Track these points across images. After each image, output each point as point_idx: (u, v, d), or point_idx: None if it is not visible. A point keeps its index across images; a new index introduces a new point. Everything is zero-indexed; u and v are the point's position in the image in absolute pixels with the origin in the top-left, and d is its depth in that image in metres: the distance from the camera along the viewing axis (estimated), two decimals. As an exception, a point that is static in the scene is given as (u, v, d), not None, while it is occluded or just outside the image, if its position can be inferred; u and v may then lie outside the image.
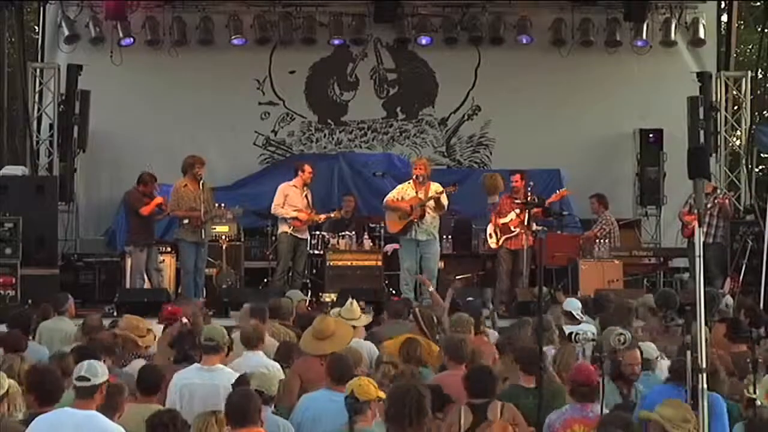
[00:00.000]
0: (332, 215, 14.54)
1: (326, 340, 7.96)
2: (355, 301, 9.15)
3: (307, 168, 14.32)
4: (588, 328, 9.35)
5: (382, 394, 6.36)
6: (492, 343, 9.09)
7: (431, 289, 11.88)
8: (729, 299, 11.20)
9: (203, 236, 13.47)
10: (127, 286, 14.09)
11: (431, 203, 13.45)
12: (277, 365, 7.99)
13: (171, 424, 5.97)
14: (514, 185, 14.20)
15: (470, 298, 11.80)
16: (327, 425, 6.81)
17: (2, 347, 8.43)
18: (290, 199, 14.11)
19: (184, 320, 9.37)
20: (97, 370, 6.14)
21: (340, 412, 6.72)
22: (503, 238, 14.07)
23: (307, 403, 7.08)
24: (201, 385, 7.32)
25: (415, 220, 13.45)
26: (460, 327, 8.77)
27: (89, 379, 6.08)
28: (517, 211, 13.87)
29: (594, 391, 6.83)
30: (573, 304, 10.34)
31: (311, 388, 7.39)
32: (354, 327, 8.77)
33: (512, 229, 13.94)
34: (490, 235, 14.23)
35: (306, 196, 14.18)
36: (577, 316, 10.09)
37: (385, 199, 13.89)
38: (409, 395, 5.93)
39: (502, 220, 14.06)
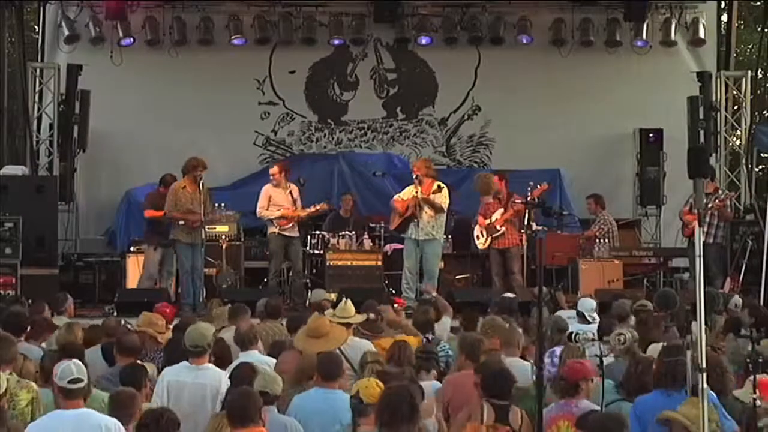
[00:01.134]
0: (318, 207, 14.39)
1: (320, 339, 7.98)
2: (349, 300, 9.17)
3: (272, 170, 14.34)
4: (590, 328, 9.33)
5: None
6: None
7: (434, 293, 11.87)
8: (738, 299, 11.14)
9: (202, 237, 13.40)
10: (131, 285, 14.10)
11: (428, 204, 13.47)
12: (273, 361, 8.03)
13: (154, 423, 5.96)
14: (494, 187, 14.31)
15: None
16: (321, 422, 6.85)
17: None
18: (274, 200, 14.07)
19: None
20: (84, 370, 6.16)
21: (333, 410, 6.74)
22: (490, 238, 14.12)
23: (299, 402, 7.10)
24: (189, 383, 7.36)
25: (413, 217, 13.43)
26: (492, 330, 8.75)
27: (82, 380, 6.10)
28: (502, 210, 13.95)
29: (576, 387, 6.81)
30: (586, 305, 10.26)
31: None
32: (350, 325, 8.82)
33: (497, 228, 13.99)
34: (477, 236, 14.27)
35: (291, 192, 14.13)
36: (589, 318, 10.00)
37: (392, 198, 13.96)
38: (401, 397, 5.89)
39: (487, 221, 14.09)
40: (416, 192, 13.54)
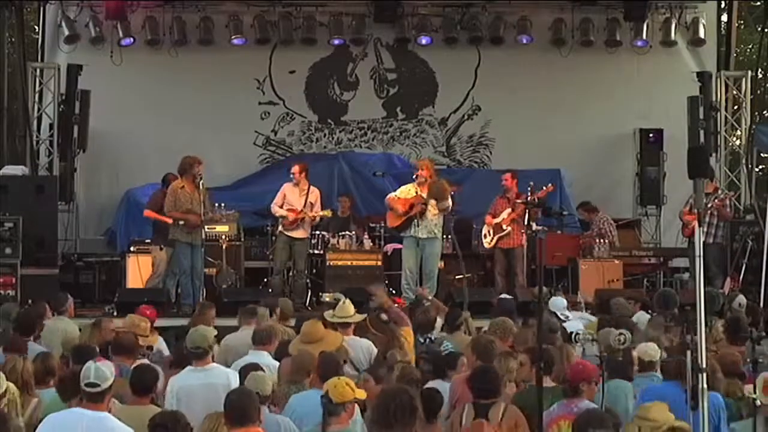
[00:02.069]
0: (323, 213, 14.37)
1: (314, 344, 8.01)
2: (348, 300, 9.19)
3: (293, 169, 14.36)
4: (576, 325, 9.39)
5: (362, 394, 6.37)
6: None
7: (430, 297, 11.89)
8: (742, 298, 11.14)
9: (202, 237, 13.37)
10: (131, 285, 14.08)
11: (433, 201, 13.43)
12: (277, 364, 8.05)
13: (172, 426, 5.96)
14: (504, 184, 14.30)
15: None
16: (316, 423, 6.81)
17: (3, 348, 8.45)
18: (288, 199, 14.18)
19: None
20: (106, 374, 6.15)
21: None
22: (496, 237, 14.14)
23: (296, 402, 7.14)
24: (198, 386, 7.40)
25: (417, 214, 13.40)
26: (500, 331, 8.74)
27: (99, 385, 6.11)
28: (509, 210, 13.96)
29: (576, 389, 6.83)
30: (557, 304, 10.40)
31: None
32: (349, 324, 8.83)
33: (503, 227, 14.02)
34: (485, 235, 14.33)
35: (307, 193, 14.16)
36: (561, 316, 10.12)
37: (387, 196, 13.90)
38: (398, 399, 5.90)
39: (495, 220, 14.14)
40: (417, 191, 13.51)
